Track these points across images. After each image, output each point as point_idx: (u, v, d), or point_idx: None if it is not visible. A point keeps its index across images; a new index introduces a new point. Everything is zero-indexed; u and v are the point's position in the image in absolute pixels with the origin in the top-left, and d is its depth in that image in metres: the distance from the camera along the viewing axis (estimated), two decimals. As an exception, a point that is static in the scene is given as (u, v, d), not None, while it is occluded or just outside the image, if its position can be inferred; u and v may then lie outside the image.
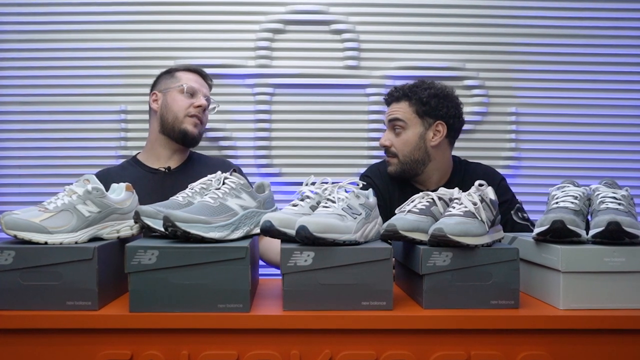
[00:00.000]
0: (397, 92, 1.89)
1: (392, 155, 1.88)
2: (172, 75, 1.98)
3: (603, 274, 1.18)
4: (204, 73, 2.02)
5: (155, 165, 1.95)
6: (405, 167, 1.87)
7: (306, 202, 1.30)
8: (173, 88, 1.94)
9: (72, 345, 1.12)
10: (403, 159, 1.86)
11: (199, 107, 1.93)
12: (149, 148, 1.99)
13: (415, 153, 1.86)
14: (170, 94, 1.94)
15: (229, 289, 1.13)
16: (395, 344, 1.14)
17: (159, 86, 1.99)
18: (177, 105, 1.92)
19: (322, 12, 2.27)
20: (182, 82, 1.94)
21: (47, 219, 1.16)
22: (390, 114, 1.89)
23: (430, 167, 1.87)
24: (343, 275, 1.15)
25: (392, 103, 1.91)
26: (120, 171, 1.94)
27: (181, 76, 1.97)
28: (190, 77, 1.97)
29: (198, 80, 1.99)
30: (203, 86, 1.99)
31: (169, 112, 1.93)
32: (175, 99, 1.93)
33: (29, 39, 2.24)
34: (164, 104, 1.94)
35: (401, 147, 1.87)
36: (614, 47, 2.30)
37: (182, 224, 1.15)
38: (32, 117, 2.24)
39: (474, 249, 1.18)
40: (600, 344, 1.15)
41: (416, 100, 1.86)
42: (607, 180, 1.39)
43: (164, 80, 1.99)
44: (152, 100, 1.98)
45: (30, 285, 1.13)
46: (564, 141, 2.31)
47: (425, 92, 1.86)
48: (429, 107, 1.85)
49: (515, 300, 1.18)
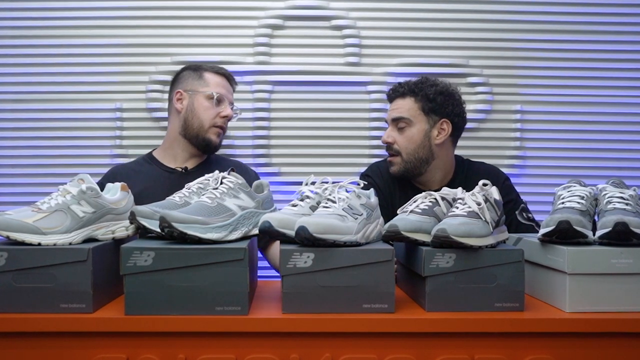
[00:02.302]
0: (402, 87, 1.88)
1: (395, 154, 1.87)
2: (200, 75, 1.93)
3: (610, 275, 1.18)
4: (231, 77, 1.99)
5: (172, 164, 1.94)
6: (408, 165, 1.85)
7: (306, 202, 1.30)
8: (201, 92, 1.90)
9: (66, 349, 1.12)
10: (407, 157, 1.85)
11: (225, 117, 1.91)
12: (167, 147, 1.97)
13: (419, 151, 1.85)
14: (198, 98, 1.90)
15: (227, 291, 1.13)
16: (397, 348, 1.14)
17: (184, 84, 1.93)
18: (204, 113, 1.89)
19: (322, 8, 2.27)
20: (211, 87, 1.91)
21: (40, 220, 1.16)
22: (395, 109, 1.87)
23: (433, 166, 1.87)
24: (344, 277, 1.15)
25: (396, 99, 1.89)
26: (136, 167, 1.93)
27: (209, 79, 1.92)
28: (218, 81, 1.93)
29: (226, 85, 1.95)
30: (229, 92, 1.97)
31: (194, 117, 1.89)
32: (203, 105, 1.89)
33: (21, 35, 2.24)
34: (190, 107, 1.90)
35: (405, 145, 1.85)
36: (622, 44, 2.30)
37: (179, 225, 1.15)
38: (24, 115, 2.24)
39: (478, 250, 1.18)
40: (607, 347, 1.15)
41: (422, 96, 1.85)
42: (615, 179, 1.39)
43: (191, 80, 1.93)
44: (175, 98, 1.93)
45: (23, 287, 1.13)
46: (570, 140, 2.31)
47: (431, 88, 1.85)
48: (435, 104, 1.85)
49: (520, 303, 1.18)
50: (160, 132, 2.26)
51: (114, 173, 1.92)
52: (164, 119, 2.26)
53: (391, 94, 1.91)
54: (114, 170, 1.95)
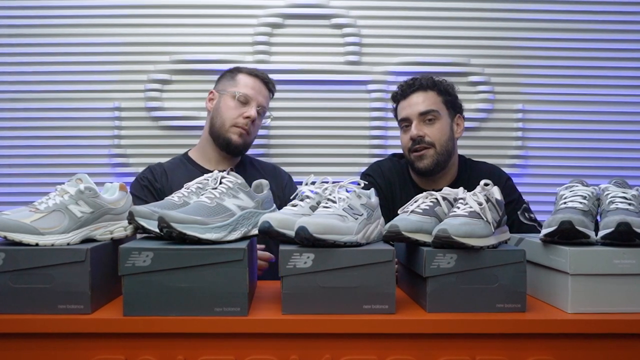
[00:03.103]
0: (423, 81, 1.85)
1: (428, 146, 1.82)
2: (234, 76, 1.96)
3: (613, 276, 1.18)
4: (266, 79, 1.98)
5: (207, 165, 1.95)
6: (440, 158, 1.82)
7: (306, 202, 1.30)
8: (228, 92, 1.93)
9: (64, 350, 1.12)
10: (440, 150, 1.82)
11: (248, 118, 1.90)
12: (201, 147, 2.00)
13: (448, 144, 1.84)
14: (225, 98, 1.93)
15: (226, 292, 1.13)
16: (398, 349, 1.14)
17: (218, 85, 1.99)
18: (227, 112, 1.91)
19: (322, 6, 2.27)
20: (238, 87, 1.93)
21: (38, 220, 1.16)
22: (419, 103, 1.83)
23: (451, 163, 1.88)
24: (344, 277, 1.15)
25: (414, 93, 1.85)
26: (174, 168, 1.94)
27: (240, 80, 1.95)
28: (248, 82, 1.94)
29: (257, 86, 1.95)
30: (260, 94, 1.96)
31: (218, 116, 1.93)
32: (228, 104, 1.92)
33: (19, 34, 2.24)
34: (217, 106, 1.94)
35: (438, 137, 1.82)
36: (625, 42, 2.30)
37: (178, 225, 1.15)
38: (22, 114, 2.24)
39: (479, 250, 1.18)
40: (609, 349, 1.15)
41: (442, 90, 1.85)
42: (617, 179, 1.39)
43: (225, 81, 1.98)
44: (208, 98, 1.99)
45: (21, 288, 1.13)
46: (572, 139, 2.31)
47: (446, 83, 1.87)
48: (454, 98, 1.87)
49: (522, 304, 1.18)
50: (158, 132, 2.26)
51: (154, 170, 1.92)
52: (162, 118, 2.26)
53: (407, 88, 1.87)
54: (153, 167, 1.93)
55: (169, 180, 1.88)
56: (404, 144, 1.89)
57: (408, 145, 1.85)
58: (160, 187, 1.87)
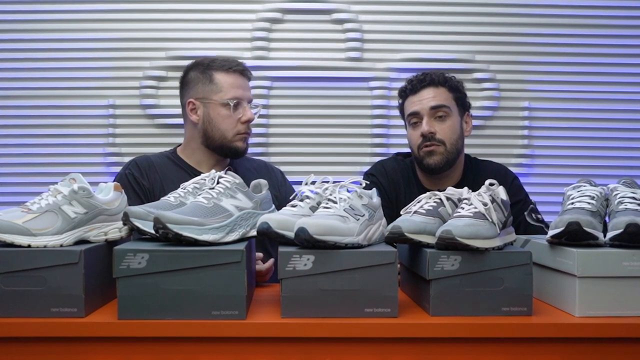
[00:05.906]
0: (434, 76, 1.84)
1: (439, 143, 1.81)
2: (211, 78, 1.81)
3: (622, 279, 1.18)
4: (245, 70, 1.85)
5: (199, 168, 1.82)
6: (450, 156, 1.82)
7: (306, 202, 1.30)
8: (215, 101, 1.79)
9: (57, 354, 1.12)
10: (450, 147, 1.82)
11: (247, 121, 1.81)
12: (190, 153, 1.86)
13: (458, 142, 1.84)
14: (213, 108, 1.79)
15: (223, 295, 1.13)
16: (400, 353, 1.14)
17: (194, 91, 1.82)
18: (224, 124, 1.79)
19: (322, 1, 2.28)
20: (224, 91, 1.80)
21: (30, 221, 1.16)
22: (431, 98, 1.82)
23: (459, 161, 1.88)
24: (345, 280, 1.15)
25: (424, 89, 1.83)
26: (162, 164, 1.83)
27: (222, 82, 1.80)
28: (232, 82, 1.81)
29: (241, 83, 1.83)
30: (246, 89, 1.84)
31: (214, 129, 1.80)
32: (220, 114, 1.79)
33: (10, 29, 2.24)
34: (206, 118, 1.80)
35: (449, 134, 1.82)
36: (633, 38, 2.30)
37: (174, 226, 1.15)
38: (14, 112, 2.25)
39: (484, 252, 1.18)
40: (618, 353, 1.15)
41: (452, 87, 1.85)
42: (626, 179, 1.38)
43: (201, 86, 1.81)
44: (189, 109, 1.82)
45: (13, 291, 1.13)
46: (580, 138, 2.31)
47: (456, 80, 1.86)
48: (464, 96, 1.87)
49: (528, 307, 1.18)
50: (154, 130, 2.26)
51: (139, 162, 1.81)
52: (158, 116, 2.26)
53: (417, 83, 1.85)
54: (139, 159, 1.82)
55: (160, 177, 1.79)
56: (412, 140, 1.86)
57: (417, 142, 1.83)
58: (148, 186, 1.76)
